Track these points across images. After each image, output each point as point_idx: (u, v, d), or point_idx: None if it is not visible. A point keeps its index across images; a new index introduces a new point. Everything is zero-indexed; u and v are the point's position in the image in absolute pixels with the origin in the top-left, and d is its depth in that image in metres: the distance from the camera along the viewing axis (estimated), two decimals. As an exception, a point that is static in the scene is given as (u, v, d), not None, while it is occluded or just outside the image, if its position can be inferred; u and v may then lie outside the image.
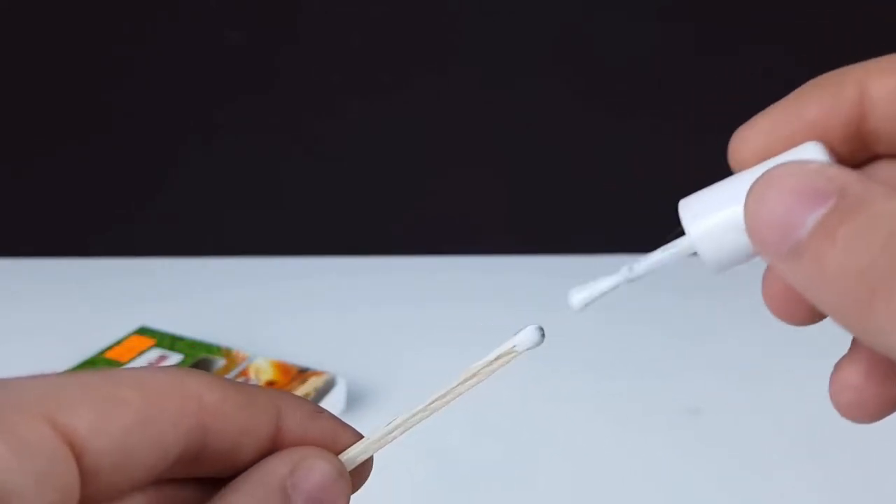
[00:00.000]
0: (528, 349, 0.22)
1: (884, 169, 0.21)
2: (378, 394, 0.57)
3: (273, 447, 0.21)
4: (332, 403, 0.54)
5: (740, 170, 0.21)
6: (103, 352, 0.56)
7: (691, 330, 0.64)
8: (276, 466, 0.21)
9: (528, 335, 0.22)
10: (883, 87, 0.20)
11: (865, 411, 0.21)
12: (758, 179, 0.18)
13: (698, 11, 0.73)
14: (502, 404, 0.56)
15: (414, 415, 0.22)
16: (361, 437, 0.23)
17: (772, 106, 0.21)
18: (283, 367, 0.55)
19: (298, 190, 0.76)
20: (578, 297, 0.22)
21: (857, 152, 0.21)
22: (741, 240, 0.19)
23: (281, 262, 0.75)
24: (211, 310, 0.66)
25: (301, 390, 0.53)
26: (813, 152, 0.20)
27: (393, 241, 0.76)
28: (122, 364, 0.55)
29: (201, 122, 0.74)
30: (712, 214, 0.20)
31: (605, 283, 0.22)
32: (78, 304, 0.67)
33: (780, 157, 0.21)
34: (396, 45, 0.73)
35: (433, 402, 0.22)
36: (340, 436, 0.22)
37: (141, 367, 0.20)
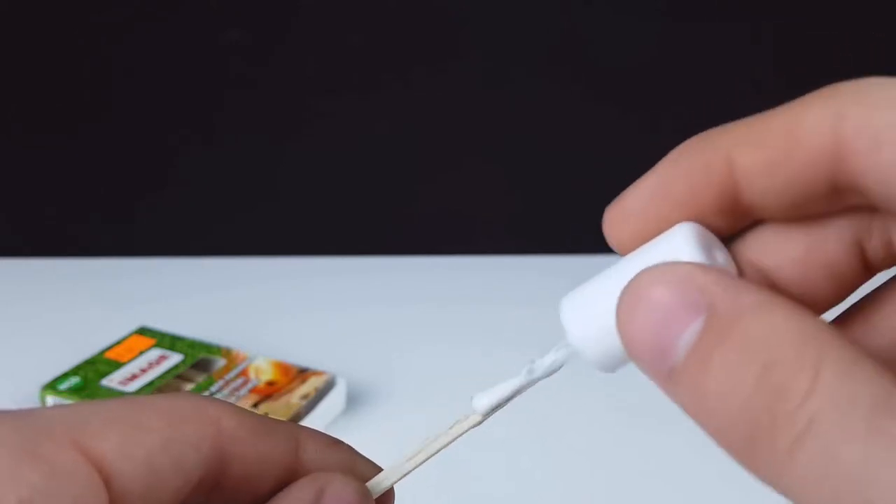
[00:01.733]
0: (555, 371, 0.22)
1: (766, 235, 0.20)
2: (378, 394, 0.57)
3: (292, 478, 0.21)
4: (332, 403, 0.54)
5: (620, 252, 0.20)
6: (103, 352, 0.56)
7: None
8: (304, 491, 0.21)
9: (558, 356, 0.22)
10: (752, 162, 0.19)
11: None
12: (623, 293, 0.18)
13: (699, 12, 0.73)
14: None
15: (436, 440, 0.22)
16: (379, 468, 0.23)
17: (641, 181, 0.20)
18: (283, 367, 0.55)
19: (298, 190, 0.76)
20: (482, 401, 0.22)
21: (735, 221, 0.20)
22: (621, 346, 0.18)
23: (281, 262, 0.75)
24: (211, 310, 0.66)
25: (301, 390, 0.53)
26: (687, 239, 0.19)
27: (393, 241, 0.76)
28: (122, 364, 0.55)
29: (201, 122, 0.74)
30: (592, 319, 0.19)
31: (507, 386, 0.22)
32: (78, 304, 0.67)
33: (654, 243, 0.20)
34: (397, 44, 0.73)
35: (453, 427, 0.22)
36: (358, 466, 0.22)
37: (161, 395, 0.21)
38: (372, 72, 0.73)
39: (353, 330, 0.65)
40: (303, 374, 0.54)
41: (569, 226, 0.78)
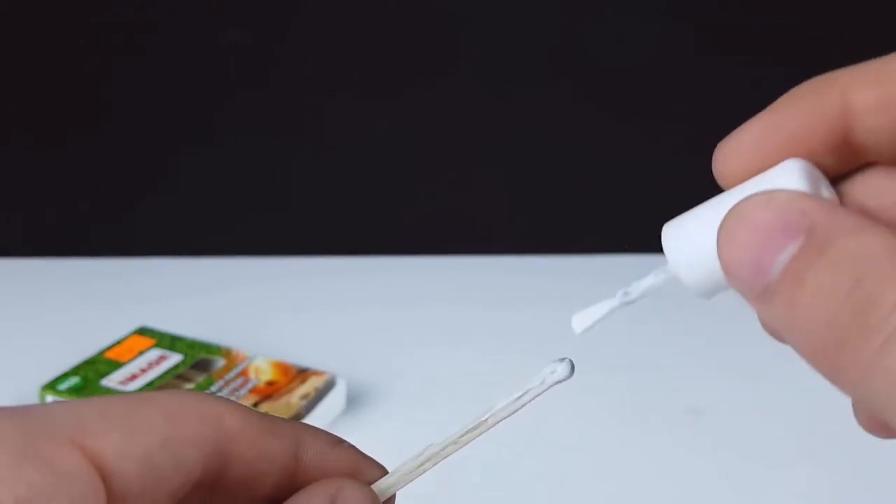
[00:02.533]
0: (558, 382, 0.22)
1: (874, 178, 0.20)
2: (378, 394, 0.57)
3: (293, 478, 0.21)
4: (332, 403, 0.54)
5: (726, 186, 0.21)
6: (103, 352, 0.56)
7: (693, 330, 0.64)
8: (316, 498, 0.21)
9: (559, 369, 0.22)
10: (866, 99, 0.19)
11: (889, 432, 0.21)
12: (728, 214, 0.18)
13: (699, 14, 0.73)
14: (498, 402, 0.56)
15: (444, 448, 0.22)
16: (382, 467, 0.23)
17: (754, 118, 0.21)
18: (282, 367, 0.55)
19: (298, 190, 0.76)
20: (580, 322, 0.23)
21: (845, 162, 0.20)
22: (721, 271, 0.19)
23: (281, 262, 0.75)
24: (211, 310, 0.66)
25: (301, 390, 0.53)
26: (793, 172, 0.19)
27: (393, 241, 0.76)
28: (122, 364, 0.55)
29: (201, 122, 0.74)
30: (691, 244, 0.20)
31: (603, 307, 0.23)
32: (77, 304, 0.67)
33: (761, 177, 0.20)
34: (397, 44, 0.73)
35: (463, 435, 0.23)
36: (361, 466, 0.22)
37: (162, 391, 0.21)
38: (372, 72, 0.73)
39: (353, 330, 0.64)
40: (303, 374, 0.54)
41: (569, 226, 0.78)
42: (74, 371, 0.54)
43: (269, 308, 0.68)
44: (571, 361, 0.22)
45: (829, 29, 0.73)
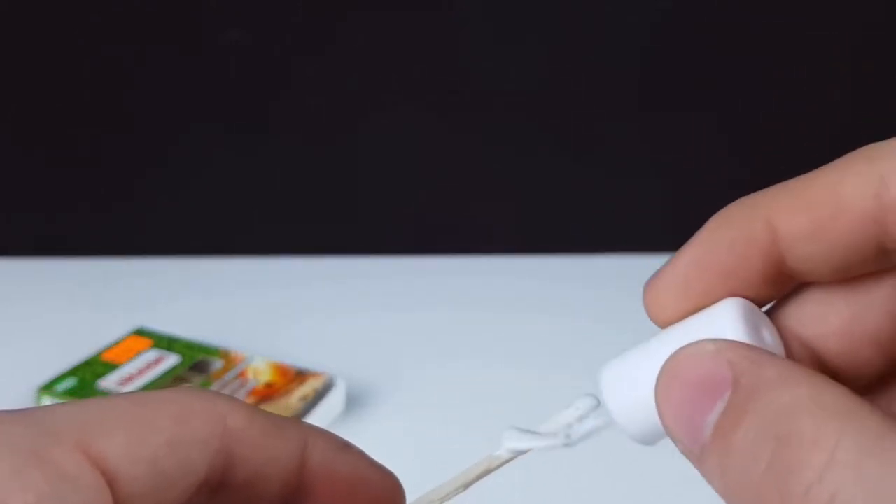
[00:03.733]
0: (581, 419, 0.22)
1: (812, 302, 0.20)
2: (378, 395, 0.57)
3: (298, 480, 0.21)
4: (331, 405, 0.54)
5: (660, 325, 0.20)
6: (100, 353, 0.56)
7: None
8: None
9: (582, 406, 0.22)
10: (796, 228, 0.18)
11: None
12: (661, 371, 0.18)
13: (699, 10, 0.73)
14: (501, 403, 0.56)
15: (455, 490, 0.22)
16: (390, 473, 0.22)
17: (680, 254, 0.20)
18: (281, 369, 0.55)
19: (298, 190, 0.75)
20: (512, 441, 0.22)
21: (780, 287, 0.19)
22: (659, 422, 0.19)
23: (279, 262, 0.75)
24: (209, 311, 0.65)
25: (300, 392, 0.53)
26: (729, 315, 0.19)
27: (392, 242, 0.76)
28: (119, 365, 0.55)
29: (201, 122, 0.73)
30: (629, 397, 0.20)
31: (541, 443, 0.22)
32: (75, 305, 0.67)
33: (697, 318, 0.19)
34: (399, 44, 0.72)
35: (481, 466, 0.22)
36: (368, 472, 0.22)
37: (167, 390, 0.20)
38: (372, 72, 0.73)
39: (352, 331, 0.64)
40: (301, 375, 0.54)
41: (569, 226, 0.78)
42: (71, 372, 0.54)
43: (267, 309, 0.67)
44: (597, 398, 0.22)
45: (829, 29, 0.73)
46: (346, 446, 0.22)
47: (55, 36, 0.71)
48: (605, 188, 0.76)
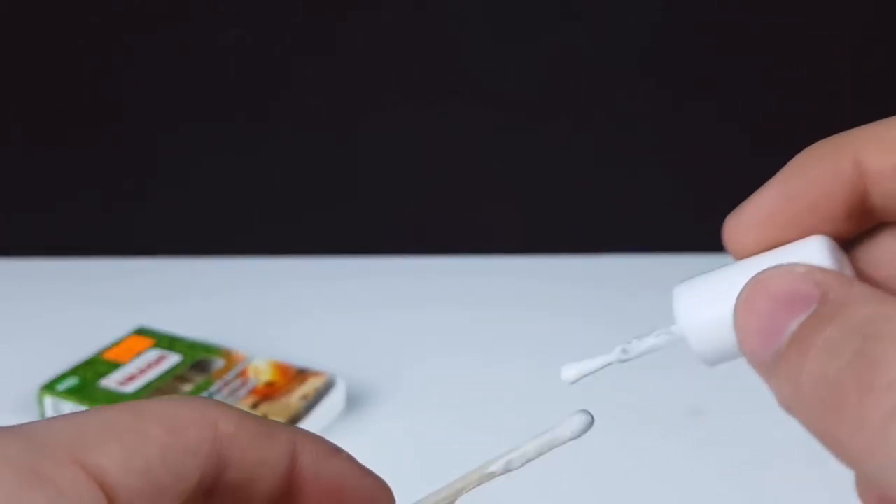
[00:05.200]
0: (575, 437, 0.22)
1: (889, 243, 0.20)
2: (378, 395, 0.57)
3: (288, 484, 0.21)
4: (332, 404, 0.54)
5: (739, 257, 0.20)
6: (102, 352, 0.56)
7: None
8: None
9: (576, 423, 0.22)
10: (882, 164, 0.19)
11: None
12: (748, 283, 0.18)
13: (699, 9, 0.73)
14: (501, 403, 0.56)
15: (451, 496, 0.22)
16: (380, 479, 0.22)
17: (765, 187, 0.20)
18: (282, 368, 0.55)
19: (298, 190, 0.75)
20: (570, 372, 0.22)
21: (861, 224, 0.20)
22: (731, 339, 0.19)
23: (280, 262, 0.75)
24: (210, 310, 0.66)
25: (300, 391, 0.53)
26: (816, 248, 0.19)
27: (393, 242, 0.76)
28: (121, 364, 0.55)
29: (201, 122, 0.73)
30: (704, 311, 0.20)
31: (597, 362, 0.22)
32: (76, 305, 0.67)
33: (782, 250, 0.20)
34: (398, 45, 0.72)
35: (475, 480, 0.22)
36: (357, 477, 0.22)
37: (160, 399, 0.20)
38: (371, 72, 0.73)
39: (353, 330, 0.64)
40: (302, 374, 0.54)
41: (569, 226, 0.78)
42: (73, 372, 0.54)
43: (268, 308, 0.67)
44: (590, 414, 0.22)
45: (829, 29, 0.73)
46: (335, 451, 0.22)
47: (55, 36, 0.71)
48: (605, 188, 0.76)
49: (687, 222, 0.66)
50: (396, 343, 0.63)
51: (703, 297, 0.20)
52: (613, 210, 0.76)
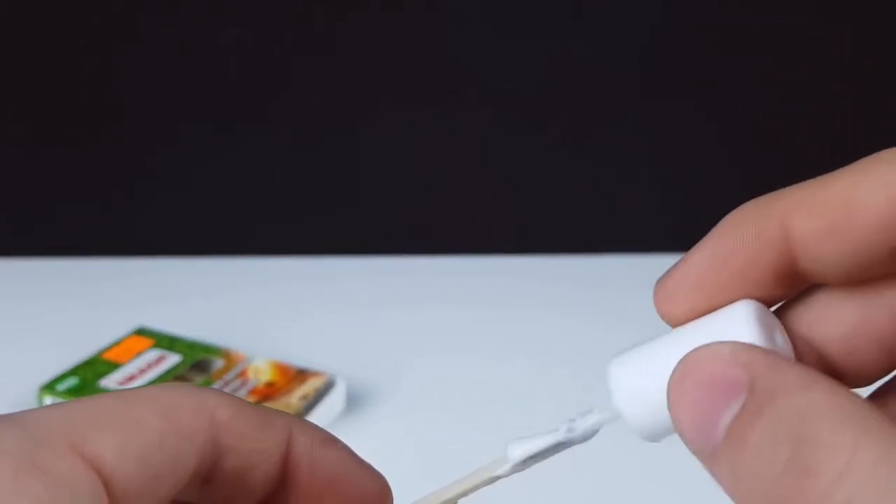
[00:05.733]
0: (584, 440, 0.22)
1: (822, 304, 0.20)
2: (378, 395, 0.57)
3: (283, 472, 0.21)
4: (332, 404, 0.54)
5: (671, 324, 0.20)
6: (101, 352, 0.56)
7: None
8: None
9: (586, 426, 0.22)
10: (809, 229, 0.18)
11: None
12: (675, 370, 0.18)
13: (699, 9, 0.73)
14: (501, 403, 0.56)
15: (457, 483, 0.22)
16: (375, 471, 0.22)
17: (693, 253, 0.20)
18: (282, 368, 0.55)
19: (298, 190, 0.75)
20: (516, 452, 0.22)
21: (792, 288, 0.20)
22: (668, 422, 0.19)
23: (280, 262, 0.75)
24: (209, 310, 0.66)
25: (300, 391, 0.53)
26: (742, 318, 0.19)
27: (393, 242, 0.76)
28: (120, 365, 0.55)
29: (201, 122, 0.73)
30: (638, 393, 0.20)
31: (543, 441, 0.22)
32: (76, 305, 0.67)
33: (709, 319, 0.19)
34: (398, 45, 0.72)
35: (480, 473, 0.22)
36: (351, 467, 0.22)
37: (154, 386, 0.20)
38: (371, 72, 0.73)
39: (353, 331, 0.64)
40: (302, 374, 0.54)
41: (569, 226, 0.78)
42: (73, 372, 0.54)
43: (268, 308, 0.67)
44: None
45: (829, 29, 0.73)
46: (330, 440, 0.22)
47: (54, 36, 0.71)
48: (605, 188, 0.76)
49: (687, 222, 0.66)
50: (396, 343, 0.63)
51: (636, 380, 0.20)
52: (613, 210, 0.76)
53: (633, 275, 0.77)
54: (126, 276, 0.72)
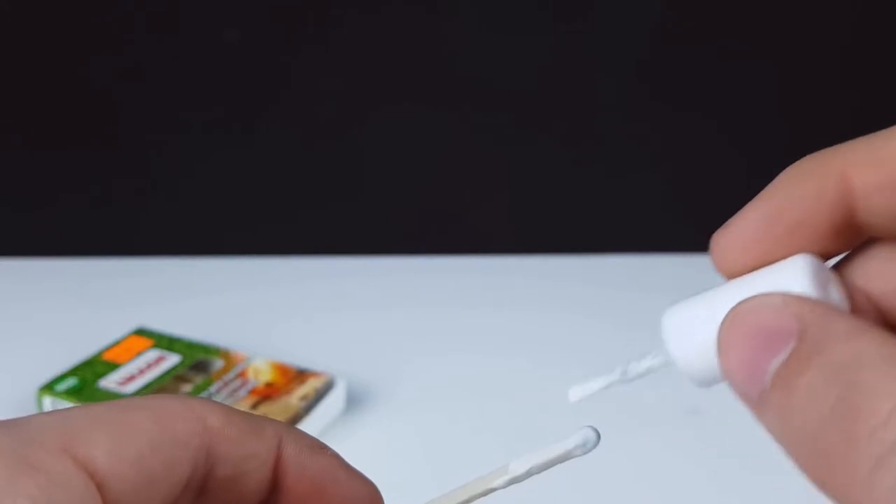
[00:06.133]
0: (584, 452, 0.22)
1: (878, 258, 0.20)
2: (378, 395, 0.57)
3: (274, 478, 0.21)
4: (332, 405, 0.54)
5: (727, 277, 0.20)
6: (101, 352, 0.56)
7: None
8: None
9: (583, 438, 0.22)
10: (868, 181, 0.19)
11: None
12: (726, 317, 0.18)
13: (700, 8, 0.73)
14: (501, 403, 0.56)
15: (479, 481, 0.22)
16: (368, 481, 0.22)
17: (750, 205, 0.20)
18: (281, 368, 0.55)
19: (298, 190, 0.75)
20: (576, 393, 0.23)
21: (848, 241, 0.20)
22: (718, 368, 0.19)
23: (280, 262, 0.75)
24: (209, 310, 0.65)
25: (300, 391, 0.53)
26: (798, 271, 0.19)
27: (393, 242, 0.76)
28: (120, 365, 0.55)
29: (200, 122, 0.73)
30: (691, 339, 0.20)
31: (600, 382, 0.23)
32: (76, 305, 0.67)
33: (766, 272, 0.20)
34: (398, 45, 0.72)
35: (478, 494, 0.22)
36: (342, 475, 0.22)
37: (145, 396, 0.21)
38: (371, 73, 0.73)
39: (353, 331, 0.64)
40: (302, 375, 0.54)
41: (569, 226, 0.78)
42: (72, 372, 0.54)
43: (268, 309, 0.67)
44: (596, 430, 0.22)
45: (829, 29, 0.73)
46: (319, 447, 0.22)
47: (54, 37, 0.71)
48: (605, 188, 0.76)
49: (687, 222, 0.66)
50: (397, 343, 0.63)
51: (689, 326, 0.20)
52: (613, 210, 0.76)
53: (633, 275, 0.77)
54: (126, 276, 0.72)
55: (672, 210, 0.76)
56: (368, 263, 0.75)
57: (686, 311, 0.20)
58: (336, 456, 0.22)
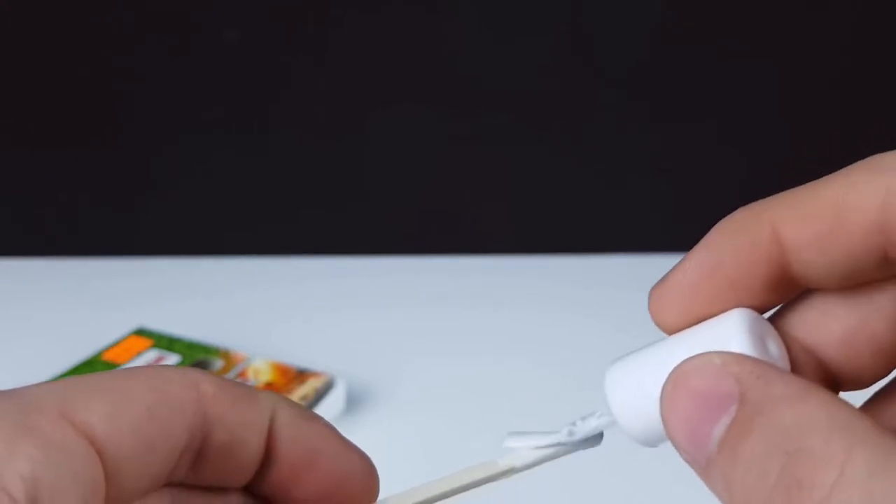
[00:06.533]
0: (587, 447, 0.22)
1: (816, 310, 0.20)
2: (378, 395, 0.57)
3: (268, 448, 0.21)
4: (332, 405, 0.54)
5: (665, 332, 0.20)
6: (101, 353, 0.56)
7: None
8: None
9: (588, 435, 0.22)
10: (800, 236, 0.19)
11: None
12: (667, 381, 0.18)
13: (701, 6, 0.73)
14: (501, 403, 0.56)
15: (450, 478, 0.22)
16: (362, 454, 0.23)
17: (686, 261, 0.20)
18: (281, 369, 0.55)
19: (298, 190, 0.75)
20: (514, 442, 0.23)
21: (785, 293, 0.20)
22: (662, 431, 0.19)
23: (280, 262, 0.75)
24: (209, 311, 0.65)
25: (300, 391, 0.53)
26: (735, 327, 0.19)
27: (393, 242, 0.76)
28: (120, 365, 0.55)
29: (200, 122, 0.73)
30: (633, 401, 0.20)
31: (541, 441, 0.22)
32: (75, 305, 0.67)
33: (703, 328, 0.19)
34: (397, 45, 0.72)
35: (478, 471, 0.22)
36: (334, 445, 0.22)
37: (142, 366, 0.21)
38: (371, 72, 0.73)
39: (353, 331, 0.64)
40: (301, 375, 0.54)
41: (569, 226, 0.78)
42: (71, 372, 0.54)
43: (267, 309, 0.67)
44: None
45: (829, 28, 0.73)
46: (311, 417, 0.22)
47: (54, 37, 0.71)
48: (606, 188, 0.76)
49: (687, 222, 0.66)
50: (396, 343, 0.63)
51: (630, 387, 0.20)
52: (613, 211, 0.76)
53: (632, 275, 0.76)
54: (126, 276, 0.71)
55: (672, 210, 0.76)
56: (368, 263, 0.75)
57: (626, 371, 0.20)
58: (330, 426, 0.22)
